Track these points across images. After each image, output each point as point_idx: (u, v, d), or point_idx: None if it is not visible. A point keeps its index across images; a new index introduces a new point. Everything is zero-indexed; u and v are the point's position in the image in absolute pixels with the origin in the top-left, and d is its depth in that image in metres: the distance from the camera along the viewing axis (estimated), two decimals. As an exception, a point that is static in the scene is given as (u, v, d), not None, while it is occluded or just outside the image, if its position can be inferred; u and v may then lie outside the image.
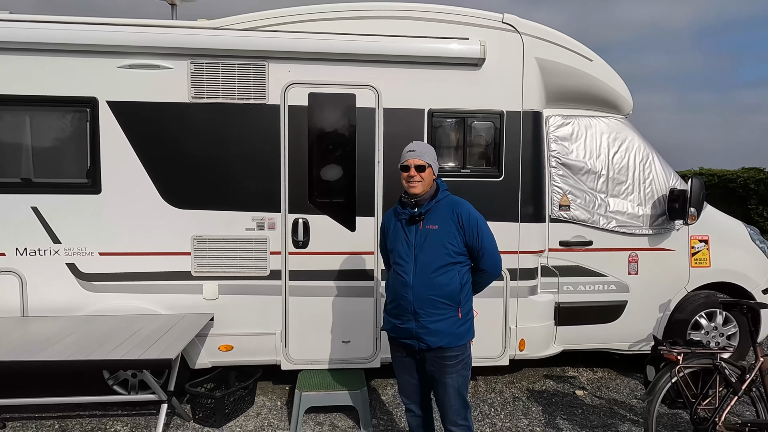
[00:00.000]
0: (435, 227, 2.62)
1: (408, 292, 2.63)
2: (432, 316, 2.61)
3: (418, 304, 2.61)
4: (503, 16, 4.07)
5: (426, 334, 2.62)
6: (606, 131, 4.46)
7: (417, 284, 2.61)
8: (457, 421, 2.75)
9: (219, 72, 3.85)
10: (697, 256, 4.54)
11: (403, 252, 2.68)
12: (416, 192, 2.65)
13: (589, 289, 4.42)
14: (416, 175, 2.65)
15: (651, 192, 4.48)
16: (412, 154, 2.67)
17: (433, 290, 2.60)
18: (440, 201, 2.70)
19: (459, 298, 2.65)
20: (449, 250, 2.61)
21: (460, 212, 2.66)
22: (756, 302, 3.52)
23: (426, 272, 2.60)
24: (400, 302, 2.67)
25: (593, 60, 4.26)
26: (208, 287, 3.95)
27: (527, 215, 4.18)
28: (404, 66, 3.97)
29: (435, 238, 2.62)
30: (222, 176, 3.92)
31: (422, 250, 2.62)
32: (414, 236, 2.65)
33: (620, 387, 4.59)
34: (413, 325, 2.64)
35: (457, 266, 2.65)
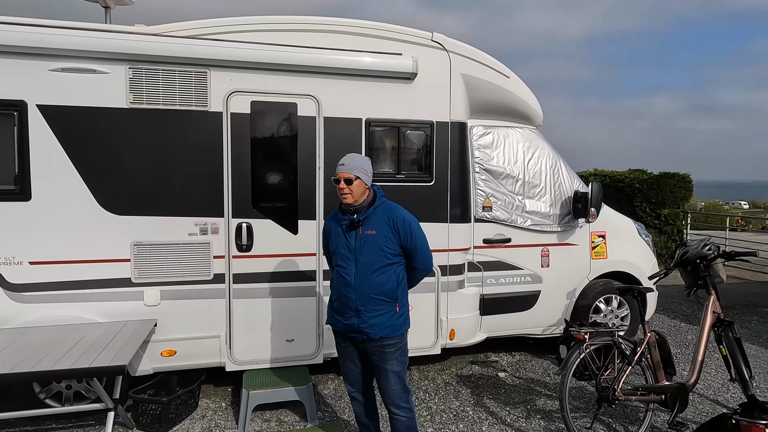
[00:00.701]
0: (373, 232, 2.87)
1: (350, 291, 2.88)
2: (372, 312, 2.87)
3: (359, 302, 2.87)
4: (432, 35, 4.45)
5: (368, 327, 2.88)
6: (521, 140, 5.00)
7: (358, 284, 2.87)
8: (399, 404, 3.00)
9: (159, 78, 3.86)
10: (597, 250, 5.23)
11: (345, 255, 2.92)
12: (348, 202, 2.89)
13: (509, 281, 4.94)
14: (345, 187, 2.88)
15: (559, 194, 5.10)
16: (341, 168, 2.90)
17: (372, 289, 2.86)
18: (377, 208, 2.94)
19: (396, 294, 2.93)
20: (386, 253, 2.87)
21: (395, 218, 2.91)
22: (644, 287, 4.17)
23: (366, 273, 2.86)
24: (343, 300, 2.92)
25: (510, 77, 4.77)
26: (150, 293, 3.94)
27: (455, 216, 4.60)
28: (343, 77, 4.21)
29: (373, 242, 2.86)
30: (163, 182, 3.93)
31: (362, 253, 2.87)
32: (354, 240, 2.89)
33: (535, 367, 5.17)
34: (356, 320, 2.90)
35: (393, 266, 2.92)
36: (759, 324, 6.90)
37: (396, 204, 3.02)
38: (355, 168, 2.90)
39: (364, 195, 2.94)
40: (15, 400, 3.70)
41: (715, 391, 4.64)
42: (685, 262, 4.02)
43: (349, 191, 2.88)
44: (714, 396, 4.55)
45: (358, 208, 2.92)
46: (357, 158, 2.97)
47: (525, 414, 4.16)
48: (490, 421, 4.04)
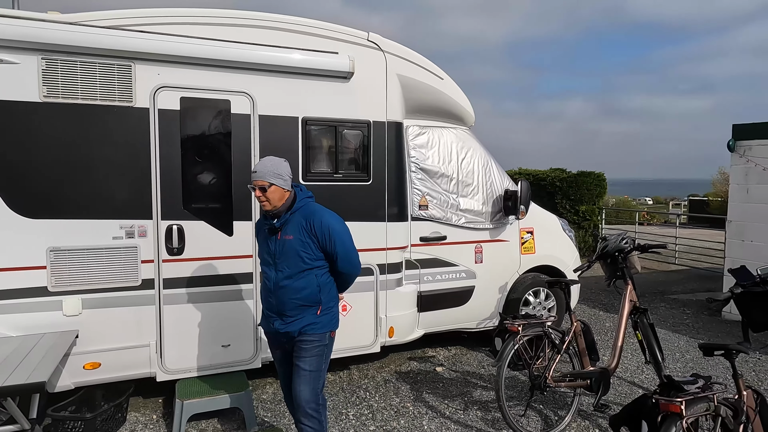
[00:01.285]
0: (290, 237, 2.81)
1: (271, 296, 2.89)
2: (293, 316, 2.85)
3: (280, 306, 2.86)
4: (368, 35, 4.46)
5: (288, 327, 2.87)
6: (455, 140, 5.14)
7: (278, 289, 2.85)
8: (307, 410, 2.84)
9: (77, 71, 3.58)
10: (526, 245, 5.49)
11: (267, 260, 2.91)
12: (267, 209, 2.84)
13: (445, 278, 5.06)
14: (261, 195, 2.81)
15: (491, 192, 5.30)
16: (254, 176, 2.81)
17: (291, 294, 2.82)
18: (295, 212, 2.85)
19: (318, 299, 2.86)
20: (303, 258, 2.81)
21: (313, 221, 2.82)
22: (570, 279, 4.44)
23: (284, 278, 2.82)
24: (266, 305, 2.96)
25: (444, 78, 4.89)
26: (70, 302, 3.65)
27: (393, 215, 4.65)
28: (279, 75, 4.12)
29: (290, 247, 2.81)
30: (84, 182, 3.65)
31: (280, 258, 2.83)
32: (274, 245, 2.86)
33: (471, 360, 5.35)
34: (279, 324, 2.89)
35: (314, 271, 2.85)
36: (666, 310, 7.56)
37: (318, 206, 2.92)
38: (268, 174, 2.79)
39: (283, 199, 2.85)
40: None
41: (632, 374, 5.03)
42: (605, 255, 4.33)
43: (266, 199, 2.81)
44: (631, 378, 4.93)
45: (278, 212, 2.85)
46: (269, 163, 2.84)
47: (463, 406, 4.29)
48: (430, 415, 4.13)
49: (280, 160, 2.88)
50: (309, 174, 4.30)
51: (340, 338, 4.47)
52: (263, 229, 2.95)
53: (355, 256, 2.96)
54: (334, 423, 3.97)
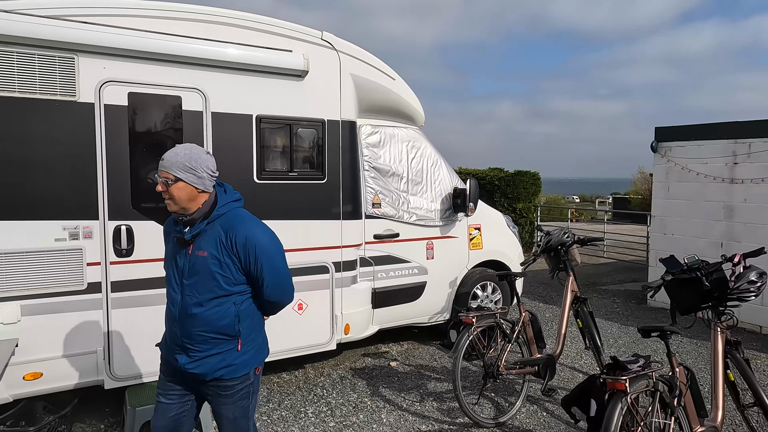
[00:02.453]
0: (204, 254, 2.17)
1: (176, 325, 2.24)
2: (204, 351, 2.22)
3: (186, 339, 2.22)
4: (322, 34, 4.48)
5: (197, 367, 2.23)
6: (405, 140, 5.27)
7: (184, 318, 2.21)
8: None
9: (13, 62, 3.36)
10: (474, 241, 5.71)
11: (173, 277, 2.26)
12: (173, 210, 2.22)
13: (398, 274, 5.18)
14: (165, 190, 2.17)
15: (440, 190, 5.47)
16: (161, 164, 2.18)
17: (201, 326, 2.20)
18: (214, 222, 2.21)
19: (237, 330, 2.24)
20: (220, 282, 2.18)
21: (235, 236, 2.18)
22: (518, 273, 4.68)
23: (192, 305, 2.20)
24: (169, 334, 2.30)
25: (395, 79, 4.99)
26: (7, 309, 3.41)
27: (347, 213, 4.70)
28: (232, 72, 4.05)
29: (203, 266, 2.17)
30: (22, 181, 3.43)
31: (190, 279, 2.19)
32: (183, 261, 2.22)
33: (423, 354, 5.50)
34: (184, 359, 2.24)
35: (232, 297, 2.23)
36: (598, 300, 8.10)
37: (246, 215, 2.29)
38: (176, 166, 2.15)
39: (196, 201, 2.20)
40: None
41: (572, 360, 5.37)
42: (548, 249, 4.60)
43: (169, 196, 2.17)
44: (571, 364, 5.26)
45: (191, 219, 2.20)
46: (182, 152, 2.18)
47: (419, 398, 4.42)
48: (387, 408, 4.22)
49: (201, 150, 2.24)
50: (263, 172, 4.26)
51: (296, 337, 4.50)
52: (172, 236, 2.30)
53: (288, 281, 2.34)
54: (293, 421, 3.97)
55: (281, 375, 4.83)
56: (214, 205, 2.24)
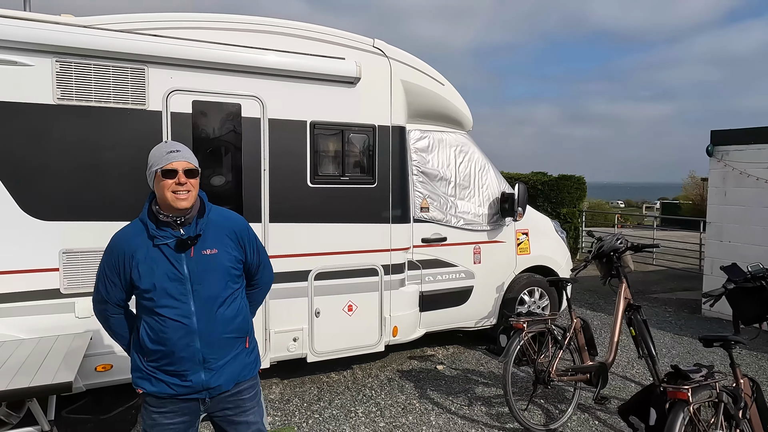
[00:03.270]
0: (214, 251, 2.08)
1: (194, 339, 2.04)
2: (223, 358, 2.11)
3: (208, 350, 2.06)
4: (374, 41, 4.58)
5: (218, 379, 2.10)
6: (453, 144, 5.30)
7: (204, 327, 2.05)
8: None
9: (91, 73, 3.60)
10: (521, 246, 5.68)
11: (175, 290, 2.03)
12: (185, 206, 2.04)
13: (445, 278, 5.20)
14: (187, 182, 2.03)
15: (488, 195, 5.47)
16: (179, 155, 2.06)
17: (223, 328, 2.10)
18: (209, 215, 2.14)
19: (247, 328, 2.22)
20: (233, 276, 2.14)
21: (238, 227, 2.19)
22: (570, 278, 4.62)
23: (212, 309, 2.07)
24: (181, 354, 2.04)
25: (445, 84, 5.04)
26: (82, 304, 3.65)
27: (396, 217, 4.77)
28: (289, 80, 4.20)
29: (216, 265, 2.08)
30: (97, 184, 3.66)
31: (202, 282, 2.05)
32: (185, 266, 2.04)
33: (469, 358, 5.49)
34: (203, 376, 2.07)
35: (239, 291, 2.20)
36: (648, 308, 7.86)
37: (226, 209, 2.29)
38: (191, 158, 2.10)
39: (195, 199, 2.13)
40: None
41: (623, 369, 5.25)
42: (600, 255, 4.52)
43: (191, 188, 2.05)
44: (623, 373, 5.15)
45: (187, 219, 2.08)
46: (185, 146, 2.16)
47: (467, 402, 4.42)
48: (436, 411, 4.25)
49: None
50: (316, 177, 4.39)
51: (346, 337, 4.61)
52: (159, 244, 2.05)
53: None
54: (344, 420, 4.06)
55: (330, 375, 4.94)
56: (201, 202, 2.16)
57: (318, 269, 4.42)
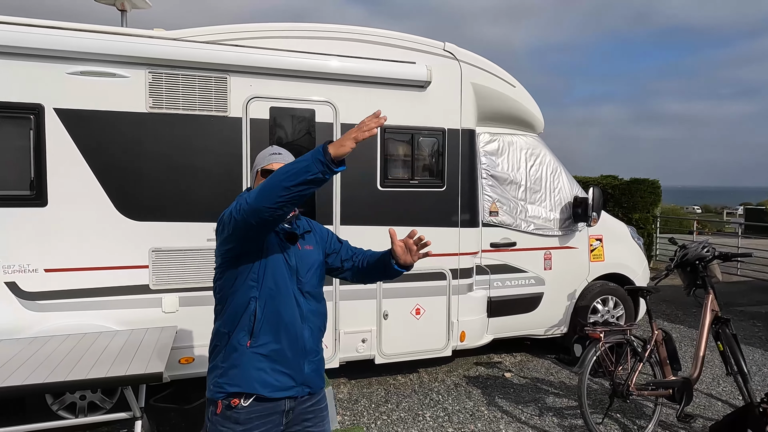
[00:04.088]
0: (311, 248, 2.19)
1: (304, 328, 2.07)
2: (317, 354, 2.14)
3: (312, 339, 2.11)
4: (444, 45, 4.57)
5: (315, 373, 2.11)
6: (524, 147, 5.18)
7: (311, 316, 2.11)
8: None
9: (179, 83, 3.83)
10: (595, 252, 5.46)
11: (284, 276, 2.07)
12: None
13: (514, 284, 5.09)
14: None
15: (559, 199, 5.30)
16: (279, 158, 2.18)
17: (321, 321, 2.18)
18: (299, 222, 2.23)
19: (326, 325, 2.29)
20: (323, 272, 2.26)
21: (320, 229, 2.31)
22: (651, 287, 4.37)
23: (313, 300, 2.15)
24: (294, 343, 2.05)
25: (516, 86, 4.95)
26: (168, 300, 3.89)
27: (465, 221, 4.73)
28: (360, 85, 4.28)
29: (313, 260, 2.18)
30: (182, 187, 3.89)
31: (305, 275, 2.12)
32: (294, 258, 2.12)
33: (538, 367, 5.34)
34: (306, 367, 2.06)
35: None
36: (735, 322, 7.26)
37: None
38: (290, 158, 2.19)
39: None
40: (26, 412, 3.58)
41: (708, 386, 4.91)
42: (684, 264, 4.26)
43: None
44: (707, 390, 4.82)
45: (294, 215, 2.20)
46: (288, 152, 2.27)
47: (537, 412, 4.30)
48: (506, 419, 4.16)
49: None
50: (386, 180, 4.43)
51: (413, 341, 4.61)
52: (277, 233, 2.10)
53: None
54: (411, 423, 4.06)
55: (396, 377, 4.96)
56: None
57: (387, 272, 4.45)
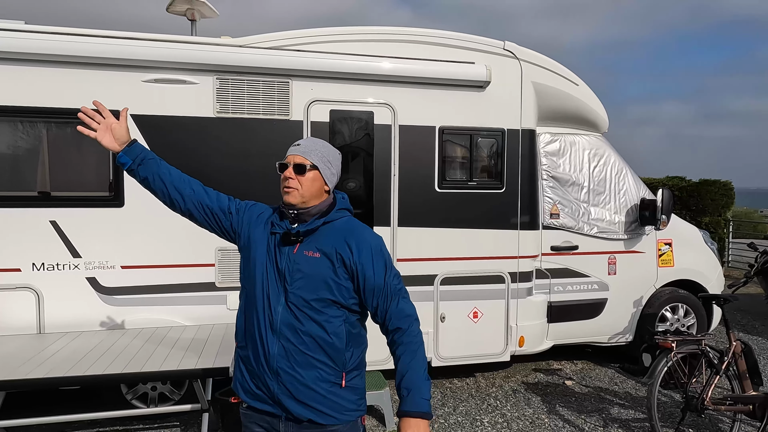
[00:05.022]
0: (316, 255, 1.82)
1: (271, 339, 1.79)
2: (300, 376, 1.78)
3: (282, 357, 1.78)
4: (504, 44, 4.49)
5: (290, 397, 1.79)
6: (587, 147, 5.00)
7: (285, 328, 1.79)
8: None
9: (244, 88, 3.97)
10: (663, 257, 5.19)
11: (266, 280, 1.84)
12: (291, 201, 1.84)
13: (576, 288, 4.92)
14: (293, 177, 1.83)
15: (625, 201, 5.08)
16: (296, 149, 1.90)
17: (304, 341, 1.78)
18: (333, 222, 1.88)
19: (344, 357, 1.83)
20: (332, 288, 1.81)
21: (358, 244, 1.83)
22: (729, 295, 4.09)
23: (296, 313, 1.79)
24: (258, 352, 1.81)
25: (579, 85, 4.79)
26: (233, 297, 4.03)
27: (525, 223, 4.62)
28: (419, 86, 4.28)
29: (313, 268, 1.81)
30: (246, 188, 4.01)
31: (294, 282, 1.81)
32: (285, 261, 1.83)
33: (601, 375, 5.13)
34: (271, 385, 1.80)
35: (345, 311, 1.84)
36: (820, 334, 6.73)
37: (365, 226, 1.95)
38: (314, 153, 1.88)
39: (319, 197, 1.89)
40: (102, 400, 3.81)
41: (792, 403, 4.55)
42: (766, 270, 3.97)
43: (297, 184, 1.83)
44: (791, 407, 4.45)
45: (303, 214, 1.86)
46: (320, 143, 1.96)
47: (602, 423, 4.13)
48: (568, 429, 4.02)
49: (335, 149, 1.98)
50: (444, 182, 4.40)
51: (470, 344, 4.55)
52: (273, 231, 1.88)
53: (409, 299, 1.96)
54: (469, 428, 4.00)
55: (453, 381, 4.91)
56: (332, 206, 1.92)
57: (444, 274, 4.42)
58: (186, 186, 2.06)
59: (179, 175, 2.07)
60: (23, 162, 3.69)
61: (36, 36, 3.59)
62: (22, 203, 3.66)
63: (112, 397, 3.81)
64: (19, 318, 3.68)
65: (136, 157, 1.98)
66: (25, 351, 3.29)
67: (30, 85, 3.62)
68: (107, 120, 1.99)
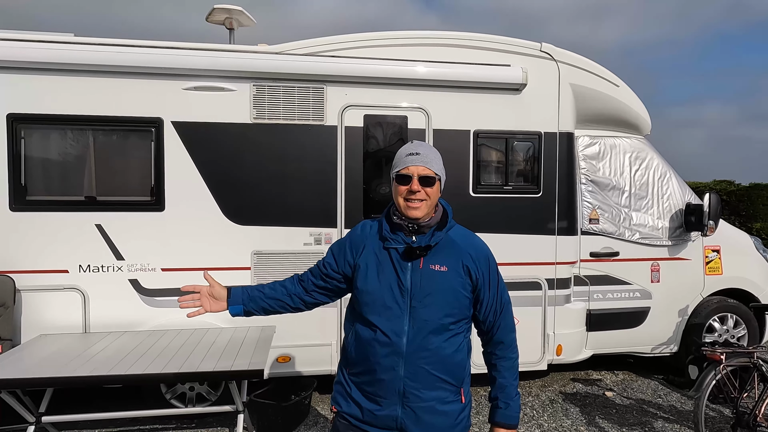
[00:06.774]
0: (443, 269, 1.77)
1: (399, 363, 1.75)
2: (428, 401, 1.77)
3: (412, 382, 1.75)
4: (541, 45, 4.41)
5: (416, 424, 1.77)
6: (628, 150, 4.84)
7: (413, 351, 1.75)
8: None
9: (280, 94, 4.03)
10: (711, 265, 4.95)
11: (392, 299, 1.77)
12: (417, 216, 1.77)
13: (617, 296, 4.76)
14: (421, 190, 1.76)
15: (669, 206, 4.88)
16: (416, 159, 1.78)
17: (434, 360, 1.76)
18: (450, 231, 1.84)
19: (463, 375, 1.85)
20: (462, 304, 1.79)
21: (477, 254, 1.82)
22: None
23: (425, 334, 1.76)
24: (382, 376, 1.76)
25: (619, 86, 4.64)
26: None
27: (563, 229, 4.50)
28: (453, 90, 4.24)
29: (444, 283, 1.77)
30: (281, 193, 4.08)
31: (422, 300, 1.75)
32: (409, 277, 1.77)
33: (643, 387, 4.93)
34: (398, 411, 1.76)
35: (465, 327, 1.86)
36: None
37: (474, 234, 1.95)
38: (435, 162, 1.81)
39: (435, 209, 1.85)
40: (143, 400, 3.92)
41: None
42: (825, 280, 3.74)
43: (426, 197, 1.77)
44: None
45: (422, 226, 1.80)
46: (434, 149, 1.87)
47: (645, 436, 3.97)
48: (608, 442, 3.89)
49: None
50: (479, 186, 4.34)
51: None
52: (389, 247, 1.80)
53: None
54: (505, 438, 3.91)
55: (487, 388, 4.78)
56: (444, 214, 1.88)
57: (479, 280, 4.35)
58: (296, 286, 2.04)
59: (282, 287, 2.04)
60: (71, 168, 3.85)
61: (84, 48, 3.75)
62: (70, 207, 3.82)
63: (153, 396, 3.92)
64: (67, 318, 3.83)
65: (242, 302, 1.98)
66: (71, 349, 3.42)
67: (78, 95, 3.79)
68: (203, 290, 2.01)
